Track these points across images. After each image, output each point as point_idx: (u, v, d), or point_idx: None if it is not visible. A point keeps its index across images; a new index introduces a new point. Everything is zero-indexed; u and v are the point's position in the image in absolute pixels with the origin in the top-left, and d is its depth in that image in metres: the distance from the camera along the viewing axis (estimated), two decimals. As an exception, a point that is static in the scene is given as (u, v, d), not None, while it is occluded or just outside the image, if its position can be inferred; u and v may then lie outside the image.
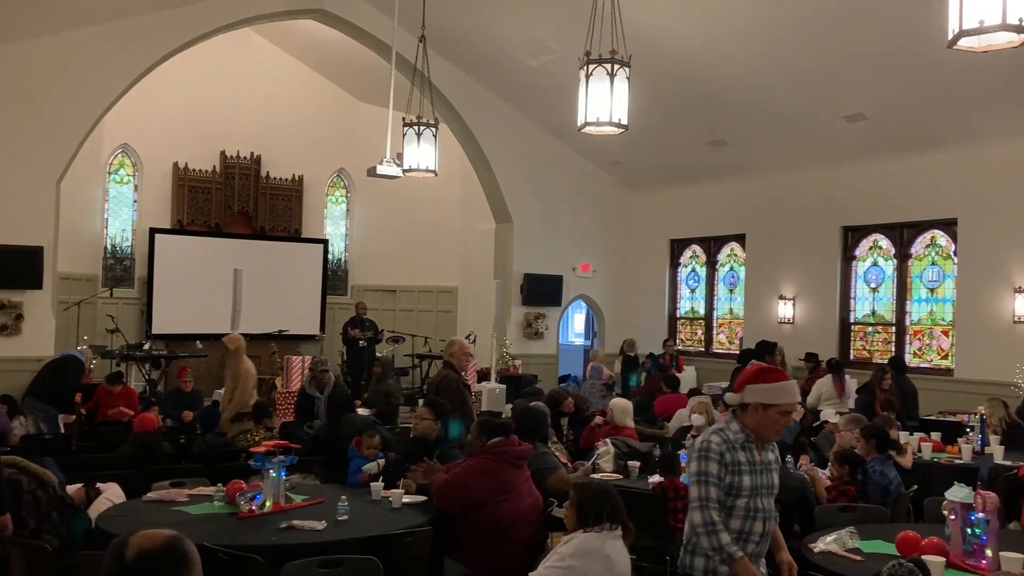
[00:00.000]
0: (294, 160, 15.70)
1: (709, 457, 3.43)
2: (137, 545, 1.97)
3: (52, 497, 4.64)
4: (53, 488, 4.65)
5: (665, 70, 11.22)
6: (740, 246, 14.27)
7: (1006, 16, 3.99)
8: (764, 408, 3.46)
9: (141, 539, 1.99)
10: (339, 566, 3.83)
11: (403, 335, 14.68)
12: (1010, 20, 3.99)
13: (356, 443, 5.99)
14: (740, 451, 3.46)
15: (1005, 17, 3.98)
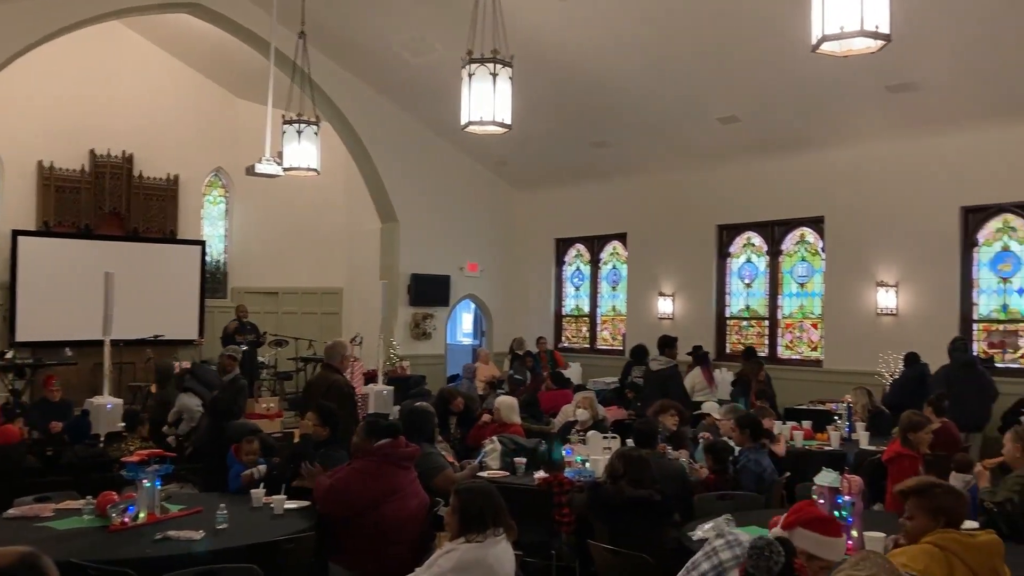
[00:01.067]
0: (169, 159, 15.12)
1: None
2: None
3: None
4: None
5: (548, 72, 11.36)
6: (622, 244, 14.60)
7: (863, 23, 4.25)
8: (808, 558, 3.13)
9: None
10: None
11: (286, 338, 14.36)
12: (867, 27, 4.25)
13: (234, 450, 5.84)
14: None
15: (863, 24, 4.25)
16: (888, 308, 11.05)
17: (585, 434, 7.13)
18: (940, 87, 9.73)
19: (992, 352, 10.41)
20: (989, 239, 10.56)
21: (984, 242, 10.58)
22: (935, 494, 3.30)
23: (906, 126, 10.60)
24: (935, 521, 3.26)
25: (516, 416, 7.51)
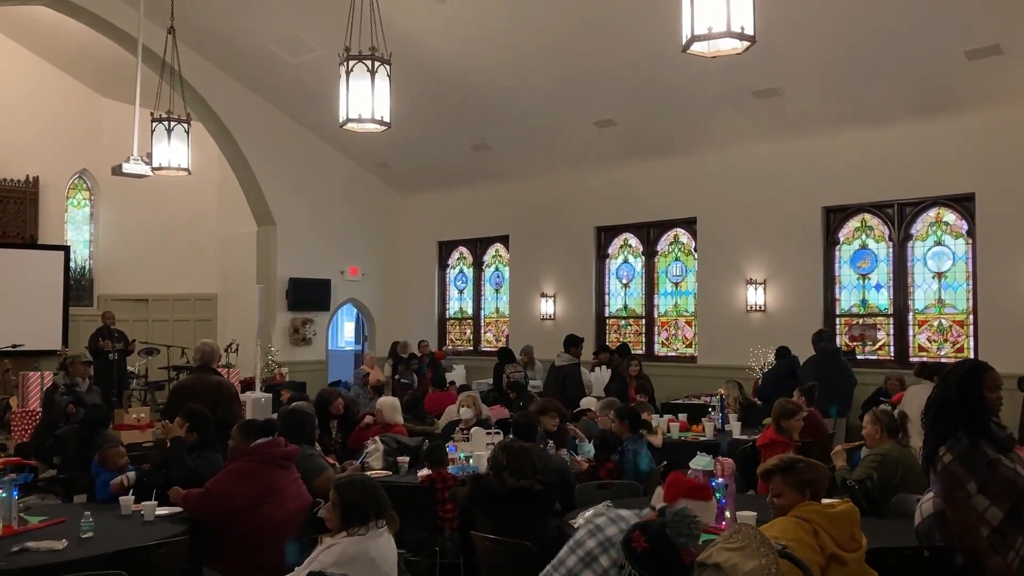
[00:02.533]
0: (28, 160, 14.32)
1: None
2: None
3: None
4: None
5: (428, 74, 11.35)
6: (504, 247, 14.71)
7: (730, 24, 4.43)
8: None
9: None
10: (81, 585, 3.53)
11: (157, 346, 13.80)
12: (734, 28, 4.44)
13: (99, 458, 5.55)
14: None
15: (729, 25, 4.43)
16: (757, 305, 11.53)
17: (469, 432, 7.14)
18: (802, 93, 10.24)
19: (853, 344, 11.00)
20: (849, 237, 11.18)
21: (844, 240, 11.19)
22: (798, 469, 3.46)
23: (771, 129, 11.10)
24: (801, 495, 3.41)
25: (399, 416, 7.46)
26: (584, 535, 3.15)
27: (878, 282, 10.95)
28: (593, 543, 3.16)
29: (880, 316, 10.91)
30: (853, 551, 3.27)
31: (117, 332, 12.80)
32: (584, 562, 3.01)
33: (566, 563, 3.04)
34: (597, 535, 3.18)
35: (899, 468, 4.91)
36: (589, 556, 3.03)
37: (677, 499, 3.49)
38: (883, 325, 10.89)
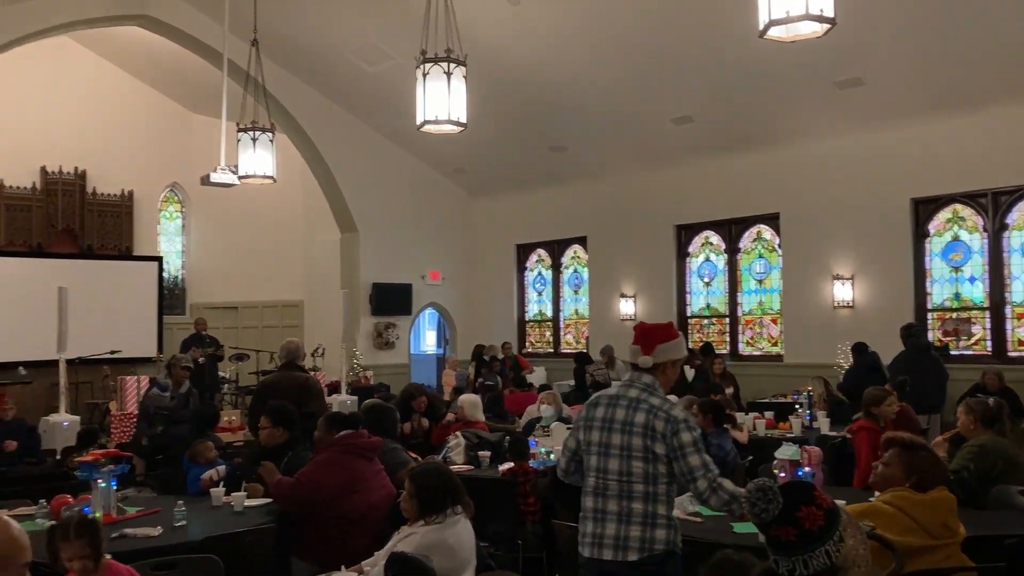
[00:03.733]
0: (123, 175, 14.92)
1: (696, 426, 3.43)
2: None
3: None
4: None
5: (503, 77, 11.41)
6: (583, 248, 14.67)
7: (808, 7, 4.36)
8: (674, 365, 3.52)
9: None
10: (174, 568, 3.64)
11: (247, 352, 14.19)
12: (812, 10, 4.36)
13: (190, 453, 5.74)
14: None
15: (808, 8, 4.35)
16: (845, 301, 11.21)
17: (549, 428, 7.15)
18: (887, 81, 9.92)
19: (947, 340, 10.60)
20: (940, 229, 10.79)
21: (935, 232, 10.80)
22: (919, 455, 3.35)
23: (855, 120, 10.80)
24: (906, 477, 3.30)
25: (480, 413, 7.52)
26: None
27: (972, 274, 10.53)
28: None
29: (975, 310, 10.49)
30: (944, 539, 3.15)
31: (209, 338, 13.23)
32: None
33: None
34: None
35: (999, 459, 4.70)
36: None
37: (654, 347, 3.47)
38: (978, 319, 10.46)
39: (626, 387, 3.48)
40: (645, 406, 3.37)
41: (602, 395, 3.56)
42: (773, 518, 2.29)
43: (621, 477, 3.34)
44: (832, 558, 2.23)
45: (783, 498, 2.28)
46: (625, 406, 3.41)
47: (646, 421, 3.33)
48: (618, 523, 3.32)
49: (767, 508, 2.29)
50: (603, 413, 3.44)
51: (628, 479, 3.33)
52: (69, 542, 3.18)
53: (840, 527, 2.28)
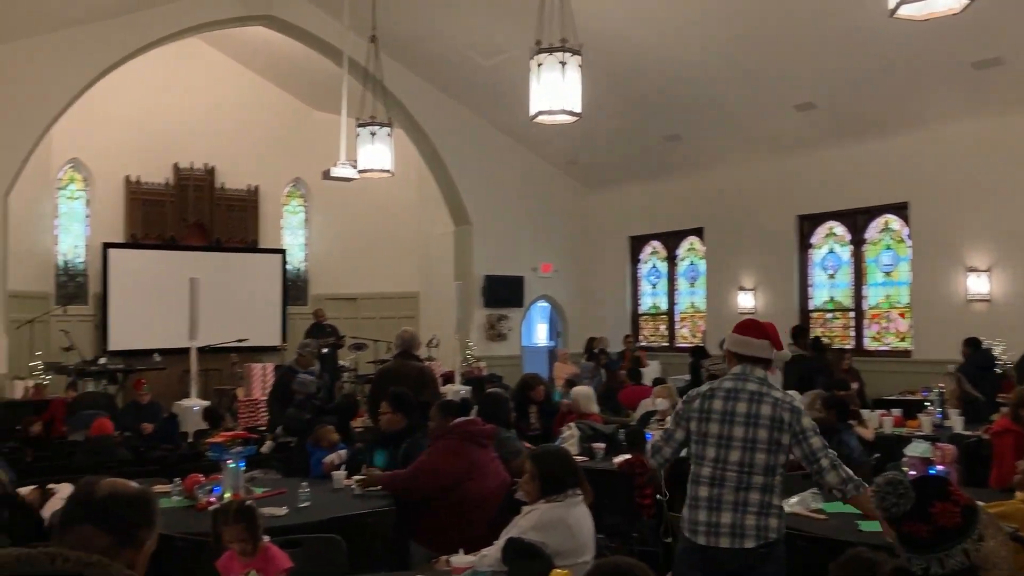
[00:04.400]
0: (249, 170, 15.53)
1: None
2: (110, 486, 1.94)
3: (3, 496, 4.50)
4: (3, 486, 4.51)
5: (617, 67, 11.29)
6: (699, 240, 14.38)
7: (945, -19, 4.09)
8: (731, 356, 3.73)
9: (114, 483, 1.97)
10: (299, 546, 3.75)
11: (365, 341, 14.56)
12: (949, -13, 4.10)
13: (313, 438, 5.92)
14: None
15: (944, -18, 4.09)
16: (980, 294, 10.60)
17: (665, 421, 7.03)
18: (1029, 60, 9.32)
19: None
20: (1088, 218, 10.06)
21: (1083, 221, 10.08)
22: None
23: (992, 103, 10.18)
24: None
25: (594, 405, 7.48)
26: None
27: None
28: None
29: None
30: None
31: (329, 328, 13.64)
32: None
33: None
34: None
35: None
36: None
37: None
38: None
39: (742, 380, 3.55)
40: (769, 399, 3.48)
41: (717, 388, 3.60)
42: (904, 513, 2.18)
43: (742, 468, 3.44)
44: (970, 558, 2.10)
45: (915, 493, 2.17)
46: (747, 399, 3.49)
47: (772, 413, 3.45)
48: (734, 512, 3.42)
49: (897, 503, 2.18)
50: (722, 406, 3.52)
51: (749, 470, 3.43)
52: (229, 525, 3.45)
53: (979, 526, 2.15)
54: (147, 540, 1.96)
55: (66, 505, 1.95)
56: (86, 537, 1.83)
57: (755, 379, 3.54)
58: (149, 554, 2.00)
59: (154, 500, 2.03)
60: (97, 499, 1.92)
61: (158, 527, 2.02)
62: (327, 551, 3.84)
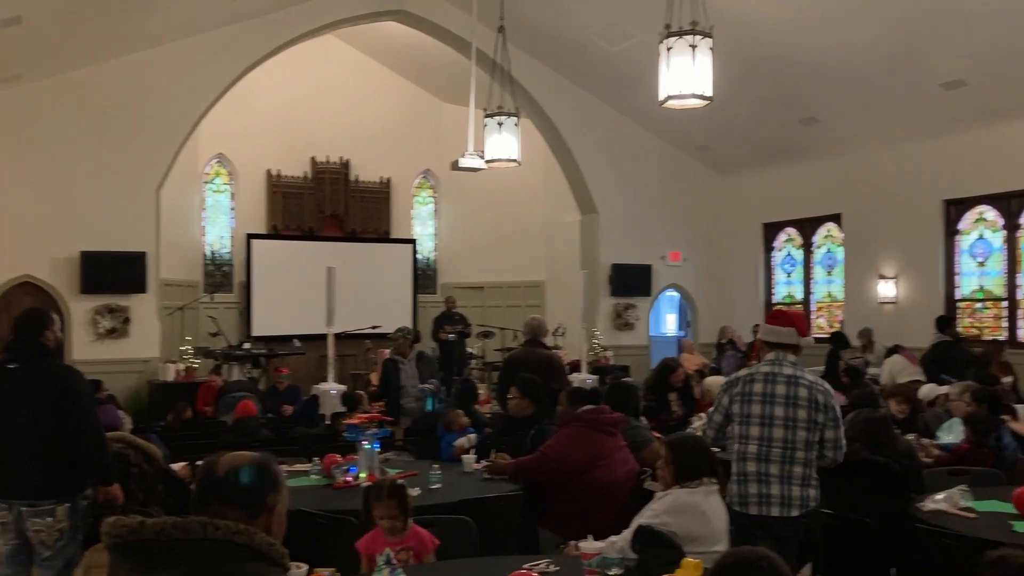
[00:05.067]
0: (381, 163, 15.96)
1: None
2: (227, 462, 2.02)
3: (158, 471, 4.80)
4: (158, 461, 4.80)
5: (749, 48, 10.97)
6: (837, 226, 13.82)
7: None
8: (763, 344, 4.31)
9: (231, 458, 2.04)
10: (431, 526, 3.84)
11: (492, 329, 14.73)
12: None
13: (444, 422, 6.04)
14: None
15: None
16: None
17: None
18: None
19: None
20: None
21: None
22: None
23: None
24: None
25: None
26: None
27: None
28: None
29: None
30: None
31: (458, 315, 13.87)
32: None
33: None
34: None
35: None
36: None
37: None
38: None
39: (778, 365, 4.01)
40: (805, 382, 3.95)
41: (755, 372, 4.05)
42: None
43: (785, 445, 3.88)
44: None
45: None
46: (784, 382, 3.95)
47: (809, 396, 3.91)
48: (780, 484, 3.86)
49: None
50: (762, 388, 3.96)
51: (792, 446, 3.89)
52: (381, 502, 3.60)
53: None
54: (276, 503, 2.03)
55: (195, 489, 2.04)
56: (219, 514, 1.91)
57: (789, 364, 4.01)
58: (284, 515, 2.06)
59: (272, 464, 2.08)
60: (219, 477, 2.00)
61: (283, 488, 2.08)
62: (459, 532, 3.91)
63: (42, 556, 4.23)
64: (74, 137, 10.87)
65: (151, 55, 11.25)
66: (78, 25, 9.78)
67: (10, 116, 10.62)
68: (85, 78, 10.97)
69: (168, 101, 11.34)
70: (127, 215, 11.08)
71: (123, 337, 11.06)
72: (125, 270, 10.98)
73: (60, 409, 4.19)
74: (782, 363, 3.99)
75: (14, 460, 4.21)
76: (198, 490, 2.02)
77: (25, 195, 10.58)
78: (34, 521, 4.17)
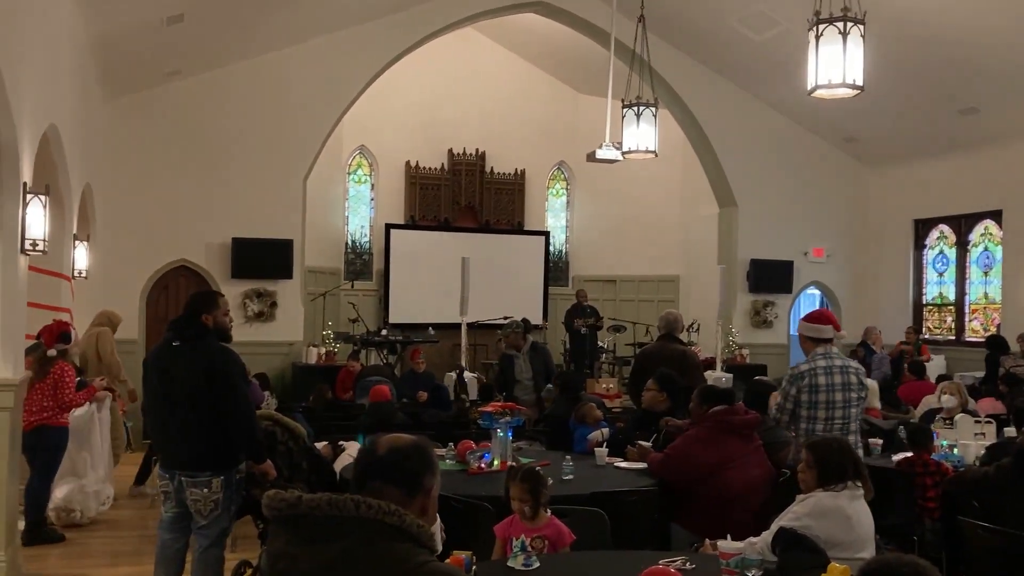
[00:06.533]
0: (516, 154, 16.07)
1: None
2: (388, 443, 2.09)
3: (302, 448, 5.00)
4: (303, 440, 5.00)
5: (904, 33, 10.41)
6: (996, 223, 12.96)
7: None
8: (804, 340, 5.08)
9: (392, 439, 2.12)
10: (564, 516, 3.83)
11: (624, 323, 14.61)
12: None
13: (577, 415, 6.02)
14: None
15: None
16: None
17: (951, 420, 6.45)
18: None
19: None
20: None
21: None
22: None
23: None
24: None
25: (877, 401, 7.09)
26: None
27: None
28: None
29: None
30: None
31: (589, 308, 13.85)
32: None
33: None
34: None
35: None
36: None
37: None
38: None
39: (829, 358, 4.88)
40: (851, 369, 4.92)
41: (815, 367, 4.85)
42: None
43: (845, 420, 4.85)
44: None
45: None
46: (839, 371, 4.87)
47: (856, 380, 4.90)
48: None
49: None
50: (825, 380, 4.82)
51: (848, 421, 4.88)
52: (515, 483, 3.69)
53: None
54: (432, 485, 2.10)
55: (356, 467, 2.12)
56: (379, 492, 1.97)
57: (835, 355, 4.89)
58: (436, 497, 2.13)
59: (430, 447, 2.17)
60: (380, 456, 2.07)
61: (439, 471, 2.14)
62: (591, 524, 3.89)
63: (198, 524, 4.49)
64: (227, 130, 11.44)
65: (299, 50, 11.69)
66: (233, 22, 10.27)
67: (169, 110, 11.27)
68: (237, 74, 11.51)
69: (315, 95, 11.77)
70: (276, 204, 11.57)
71: (270, 320, 11.57)
72: (273, 256, 11.48)
73: (213, 388, 4.41)
74: (831, 356, 4.87)
75: (176, 433, 4.48)
76: (359, 468, 2.10)
77: (183, 184, 11.21)
78: (192, 491, 4.43)
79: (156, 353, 4.65)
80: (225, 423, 4.41)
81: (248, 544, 5.57)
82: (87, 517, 6.82)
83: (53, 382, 6.28)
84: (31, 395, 6.14)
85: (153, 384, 4.58)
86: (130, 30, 8.96)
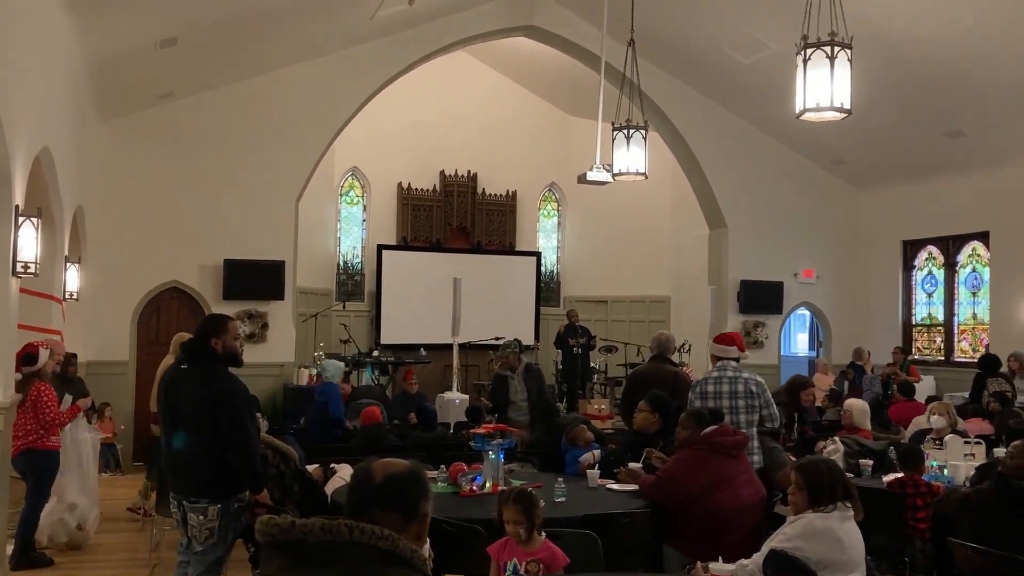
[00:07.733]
0: (508, 176, 16.15)
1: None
2: (383, 469, 2.09)
3: (294, 472, 4.99)
4: (295, 463, 4.99)
5: (891, 56, 10.53)
6: (983, 245, 13.07)
7: None
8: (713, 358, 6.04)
9: (386, 465, 2.12)
10: (557, 539, 3.84)
11: (616, 343, 14.64)
12: None
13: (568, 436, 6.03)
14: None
15: None
16: None
17: (941, 441, 6.48)
18: None
19: None
20: None
21: None
22: None
23: None
24: None
25: (867, 421, 7.11)
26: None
27: None
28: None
29: None
30: None
31: (581, 328, 13.87)
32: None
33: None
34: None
35: None
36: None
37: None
38: None
39: (721, 370, 5.81)
40: (741, 380, 5.76)
41: (707, 378, 5.85)
42: None
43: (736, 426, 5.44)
44: None
45: None
46: (727, 381, 5.75)
47: (745, 388, 5.75)
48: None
49: None
50: (714, 388, 5.81)
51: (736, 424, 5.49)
52: (508, 505, 3.70)
53: None
54: (427, 510, 2.11)
55: (350, 494, 2.12)
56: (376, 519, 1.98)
57: (730, 369, 5.81)
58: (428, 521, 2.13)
59: (423, 472, 2.18)
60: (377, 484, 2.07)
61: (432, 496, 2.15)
62: (584, 547, 3.90)
63: (195, 550, 4.48)
64: (220, 152, 11.46)
65: (292, 73, 11.75)
66: (226, 45, 10.33)
67: (162, 132, 11.28)
68: (230, 96, 11.56)
69: (307, 117, 11.82)
70: (268, 226, 11.59)
71: (261, 341, 11.55)
72: (265, 278, 11.48)
73: (215, 412, 4.39)
74: (724, 368, 5.79)
75: (181, 457, 4.48)
76: (353, 495, 2.09)
77: (175, 205, 11.21)
78: (190, 516, 4.42)
79: (167, 375, 4.69)
80: (226, 450, 4.39)
81: (239, 567, 5.55)
82: (55, 544, 6.71)
83: (31, 404, 6.26)
84: (16, 420, 6.12)
85: (163, 406, 4.61)
86: (124, 53, 9.01)
